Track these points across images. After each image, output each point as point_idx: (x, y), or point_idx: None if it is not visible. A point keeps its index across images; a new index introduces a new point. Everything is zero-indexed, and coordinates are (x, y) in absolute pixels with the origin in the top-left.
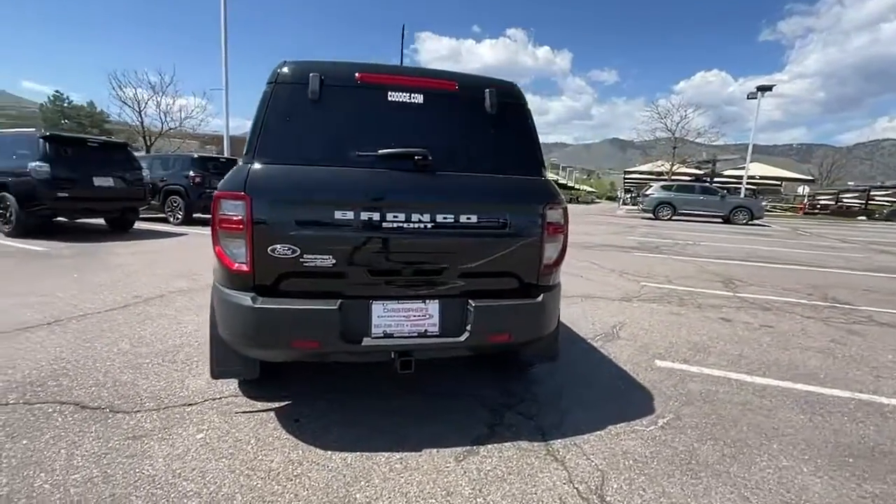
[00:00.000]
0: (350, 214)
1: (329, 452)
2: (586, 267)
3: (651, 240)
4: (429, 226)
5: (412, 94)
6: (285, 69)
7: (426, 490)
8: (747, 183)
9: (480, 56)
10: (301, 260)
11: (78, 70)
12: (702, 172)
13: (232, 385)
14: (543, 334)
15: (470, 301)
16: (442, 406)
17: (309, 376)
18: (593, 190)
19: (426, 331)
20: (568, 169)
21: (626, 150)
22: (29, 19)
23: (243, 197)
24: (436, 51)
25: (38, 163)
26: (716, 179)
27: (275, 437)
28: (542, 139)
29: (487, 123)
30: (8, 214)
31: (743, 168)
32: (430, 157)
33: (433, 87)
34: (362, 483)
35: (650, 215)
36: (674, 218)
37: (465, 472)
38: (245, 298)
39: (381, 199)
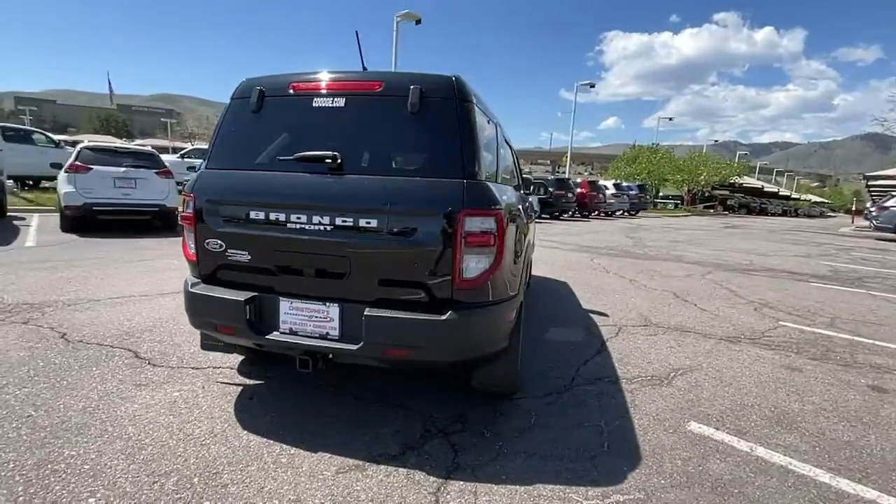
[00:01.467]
0: (261, 214)
1: (244, 432)
2: (717, 294)
3: (859, 268)
4: (328, 228)
5: (334, 99)
6: (241, 86)
7: (281, 490)
8: None
9: (678, 49)
10: (226, 253)
11: None
12: None
13: (238, 358)
14: (456, 357)
15: (366, 309)
16: (382, 416)
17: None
18: (824, 200)
19: (327, 333)
20: (787, 174)
21: (888, 149)
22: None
23: (191, 197)
24: (623, 49)
25: None
26: None
27: (222, 408)
28: (756, 138)
29: (408, 123)
30: None
31: None
32: (340, 160)
33: (355, 90)
34: (240, 466)
35: (891, 235)
36: None
37: (332, 485)
38: (188, 283)
39: (284, 200)
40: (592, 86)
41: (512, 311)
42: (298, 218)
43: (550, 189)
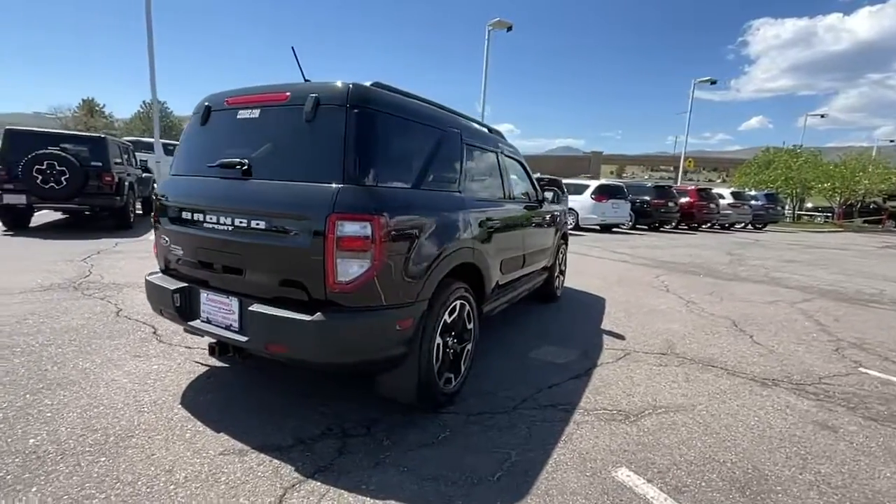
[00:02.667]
0: (188, 215)
1: (178, 406)
2: (795, 327)
3: None
4: (230, 228)
5: (252, 111)
6: (199, 102)
7: (164, 460)
8: None
9: (850, 32)
10: (170, 248)
11: None
12: None
13: None
14: (328, 359)
15: (252, 305)
16: (302, 410)
17: None
18: None
19: (230, 325)
20: None
21: None
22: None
23: (155, 198)
24: (774, 37)
25: None
26: None
27: (178, 383)
28: None
29: (305, 130)
30: None
31: None
32: (247, 166)
33: (267, 102)
34: (151, 434)
35: None
36: None
37: (207, 464)
38: (147, 273)
39: (202, 203)
40: (713, 82)
41: (406, 319)
42: (210, 218)
43: (647, 198)
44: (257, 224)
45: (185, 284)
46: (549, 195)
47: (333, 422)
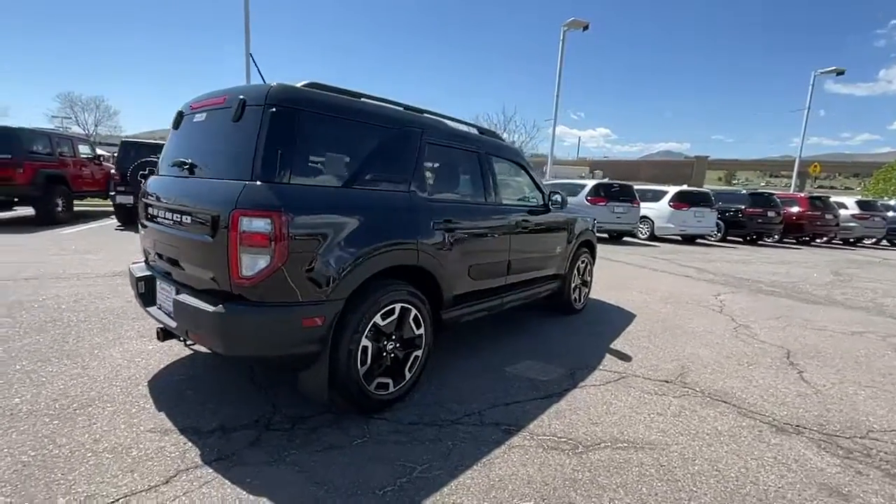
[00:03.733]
0: (151, 209)
1: (144, 384)
2: (874, 365)
3: None
4: (170, 222)
5: (202, 114)
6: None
7: (100, 431)
8: None
9: None
10: (143, 239)
11: None
12: None
13: None
14: (228, 351)
15: (178, 294)
16: (250, 400)
17: None
18: None
19: (170, 312)
20: None
21: None
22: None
23: (140, 195)
24: None
25: None
26: None
27: (160, 364)
28: None
29: (232, 130)
30: None
31: None
32: (189, 166)
33: (211, 106)
34: (105, 405)
35: None
36: None
37: (131, 438)
38: (130, 262)
39: (157, 199)
40: (840, 72)
41: (315, 317)
42: (160, 213)
43: (741, 206)
44: (185, 219)
45: (149, 273)
46: (557, 199)
47: (265, 414)
